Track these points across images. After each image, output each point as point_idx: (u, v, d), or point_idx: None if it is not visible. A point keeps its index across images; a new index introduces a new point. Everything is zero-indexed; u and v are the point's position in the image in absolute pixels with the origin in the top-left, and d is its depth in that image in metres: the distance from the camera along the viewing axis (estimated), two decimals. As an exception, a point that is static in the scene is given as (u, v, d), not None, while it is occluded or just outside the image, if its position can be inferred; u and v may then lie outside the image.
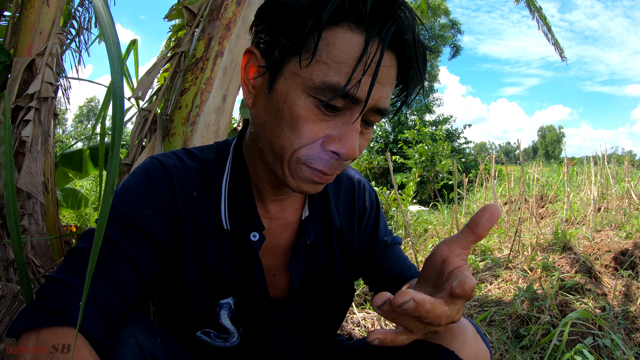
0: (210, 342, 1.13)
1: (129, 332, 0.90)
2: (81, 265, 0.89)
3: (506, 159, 29.86)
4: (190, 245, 1.04)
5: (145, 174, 1.03)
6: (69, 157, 3.44)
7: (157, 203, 1.00)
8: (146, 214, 0.98)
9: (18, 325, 0.81)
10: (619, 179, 8.33)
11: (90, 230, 0.98)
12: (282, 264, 1.15)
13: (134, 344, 0.89)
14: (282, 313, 1.15)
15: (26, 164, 2.11)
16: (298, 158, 0.89)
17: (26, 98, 2.17)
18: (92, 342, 0.82)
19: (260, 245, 1.07)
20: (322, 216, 1.16)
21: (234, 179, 1.07)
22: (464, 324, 1.04)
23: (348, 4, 0.80)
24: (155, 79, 2.23)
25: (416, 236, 5.89)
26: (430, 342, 1.02)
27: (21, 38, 2.28)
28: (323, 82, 0.82)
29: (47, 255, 2.21)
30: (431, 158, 16.49)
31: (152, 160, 1.06)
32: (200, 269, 1.06)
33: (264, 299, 1.11)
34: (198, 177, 1.07)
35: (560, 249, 4.03)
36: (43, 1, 2.31)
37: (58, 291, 0.85)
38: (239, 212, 1.05)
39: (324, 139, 0.87)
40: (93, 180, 9.43)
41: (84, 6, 3.44)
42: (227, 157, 1.11)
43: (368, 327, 2.71)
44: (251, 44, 0.96)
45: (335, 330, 1.32)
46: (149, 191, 1.00)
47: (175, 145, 2.02)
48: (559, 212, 6.32)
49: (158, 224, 1.00)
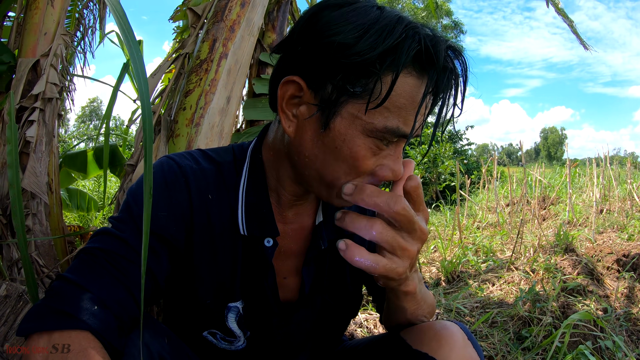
0: (216, 344, 1.13)
1: (137, 332, 0.90)
2: (93, 265, 0.89)
3: (508, 161, 29.99)
4: (203, 248, 1.04)
5: (161, 174, 1.02)
6: (73, 157, 3.46)
7: (172, 205, 1.00)
8: (161, 215, 0.98)
9: (29, 325, 0.80)
10: (621, 181, 8.32)
11: (103, 230, 0.96)
12: (293, 268, 1.15)
13: (142, 345, 0.89)
14: (292, 317, 1.15)
15: (30, 164, 2.12)
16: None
17: (31, 98, 2.18)
18: (105, 345, 0.81)
19: (273, 250, 1.06)
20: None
21: (251, 184, 1.07)
22: (452, 329, 1.04)
23: (424, 54, 0.82)
24: (159, 80, 2.24)
25: (418, 237, 5.88)
26: (416, 349, 1.04)
27: (26, 39, 2.29)
28: (385, 127, 0.85)
29: (51, 255, 2.22)
30: (433, 159, 16.47)
31: (167, 160, 1.05)
32: (211, 272, 1.06)
33: (274, 303, 1.10)
34: (214, 179, 1.06)
35: (563, 251, 4.03)
36: (48, 2, 2.32)
37: (70, 292, 0.84)
38: (256, 217, 1.05)
39: (376, 168, 0.91)
40: (95, 181, 9.44)
41: (89, 8, 3.46)
42: (244, 161, 1.10)
43: (370, 327, 2.72)
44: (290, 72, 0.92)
45: (341, 334, 1.32)
46: (165, 193, 1.00)
47: (180, 146, 2.03)
48: (561, 214, 6.32)
49: (172, 227, 0.99)
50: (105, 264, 0.89)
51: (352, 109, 0.86)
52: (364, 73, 0.83)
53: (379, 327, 2.73)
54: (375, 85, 0.82)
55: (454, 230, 5.35)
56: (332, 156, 0.90)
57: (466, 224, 6.42)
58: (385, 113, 0.84)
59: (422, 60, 0.83)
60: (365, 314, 2.90)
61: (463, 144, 26.77)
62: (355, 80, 0.84)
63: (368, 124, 0.85)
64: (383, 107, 0.84)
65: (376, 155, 0.89)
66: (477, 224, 6.53)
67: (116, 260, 0.90)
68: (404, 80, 0.84)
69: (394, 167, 0.91)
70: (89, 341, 0.78)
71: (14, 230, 2.08)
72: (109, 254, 0.90)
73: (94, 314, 0.81)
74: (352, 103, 0.86)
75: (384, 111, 0.84)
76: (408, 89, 0.84)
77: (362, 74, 0.83)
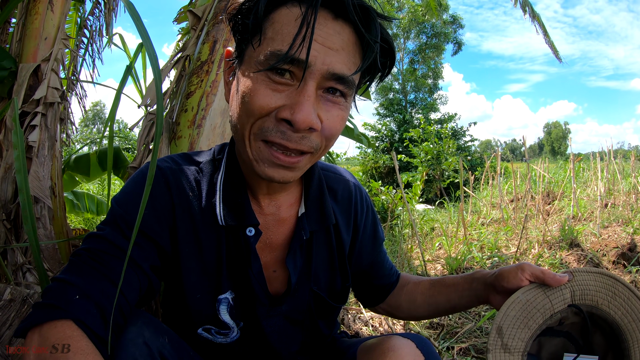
0: (212, 339, 1.15)
1: (137, 331, 0.93)
2: (81, 265, 0.95)
3: (512, 156, 29.97)
4: (188, 243, 1.08)
5: (142, 177, 1.08)
6: (76, 161, 3.47)
7: (154, 203, 1.05)
8: (145, 213, 1.01)
9: (24, 324, 0.86)
10: (625, 175, 8.29)
11: (91, 233, 1.02)
12: (280, 260, 1.18)
13: (141, 343, 0.91)
14: (280, 308, 1.17)
15: (33, 169, 2.12)
16: (255, 134, 0.93)
17: (32, 103, 2.19)
18: (89, 333, 0.85)
19: (256, 239, 1.10)
20: (318, 213, 1.19)
21: (228, 177, 1.11)
22: (399, 343, 1.06)
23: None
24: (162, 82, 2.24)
25: (423, 235, 5.88)
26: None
27: (26, 44, 2.30)
28: (268, 52, 0.88)
29: (56, 259, 2.23)
30: (437, 156, 16.47)
31: (147, 166, 1.10)
32: (198, 266, 1.09)
33: (262, 294, 1.13)
34: (194, 177, 1.12)
35: (568, 246, 4.02)
36: (47, 7, 2.32)
37: (59, 289, 0.90)
38: (233, 208, 1.09)
39: (277, 110, 0.90)
40: (99, 184, 9.47)
41: (95, 15, 3.47)
42: (222, 158, 1.15)
43: (376, 326, 2.72)
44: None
45: (332, 323, 1.35)
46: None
47: (182, 147, 2.03)
48: (566, 209, 6.31)
49: (155, 224, 1.04)
50: (89, 261, 0.95)
51: (248, 52, 0.93)
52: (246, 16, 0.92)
53: (384, 325, 2.73)
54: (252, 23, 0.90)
55: (458, 227, 5.34)
56: (236, 103, 0.96)
57: (470, 221, 6.42)
58: (270, 42, 0.89)
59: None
60: (370, 312, 2.90)
61: (466, 141, 26.83)
62: (244, 27, 0.92)
63: (256, 57, 0.90)
64: (268, 38, 0.89)
65: (275, 92, 0.90)
66: (481, 220, 6.52)
67: (98, 256, 0.96)
68: (285, 11, 0.90)
69: (293, 106, 0.88)
70: (72, 329, 0.83)
71: (19, 234, 2.09)
72: (92, 252, 0.96)
73: (75, 303, 0.87)
74: (249, 48, 0.93)
75: (269, 41, 0.89)
76: (289, 16, 0.89)
77: (245, 18, 0.92)
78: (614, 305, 1.11)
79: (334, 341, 1.38)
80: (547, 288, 1.12)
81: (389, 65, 1.02)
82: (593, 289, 1.12)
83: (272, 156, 0.93)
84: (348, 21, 0.90)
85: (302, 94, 0.88)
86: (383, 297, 1.43)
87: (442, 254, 4.82)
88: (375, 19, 0.91)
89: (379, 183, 6.65)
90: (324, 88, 0.92)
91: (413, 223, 4.35)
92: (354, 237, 1.29)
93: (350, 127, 3.28)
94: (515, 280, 1.14)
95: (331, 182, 1.27)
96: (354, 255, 1.31)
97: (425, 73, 34.77)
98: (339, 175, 1.31)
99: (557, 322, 1.14)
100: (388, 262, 1.43)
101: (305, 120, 0.88)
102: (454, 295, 1.30)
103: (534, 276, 1.12)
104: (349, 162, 25.23)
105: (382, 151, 24.34)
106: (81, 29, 3.66)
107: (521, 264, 1.16)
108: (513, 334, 1.10)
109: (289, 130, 0.90)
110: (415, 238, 4.64)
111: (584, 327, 1.14)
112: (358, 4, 0.89)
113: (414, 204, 6.42)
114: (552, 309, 1.11)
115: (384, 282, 1.41)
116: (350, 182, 1.32)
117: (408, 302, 1.40)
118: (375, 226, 1.37)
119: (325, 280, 1.24)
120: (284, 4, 0.90)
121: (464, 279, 1.30)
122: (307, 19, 0.85)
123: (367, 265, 1.36)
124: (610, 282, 1.12)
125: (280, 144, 0.91)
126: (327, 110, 0.93)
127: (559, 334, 1.17)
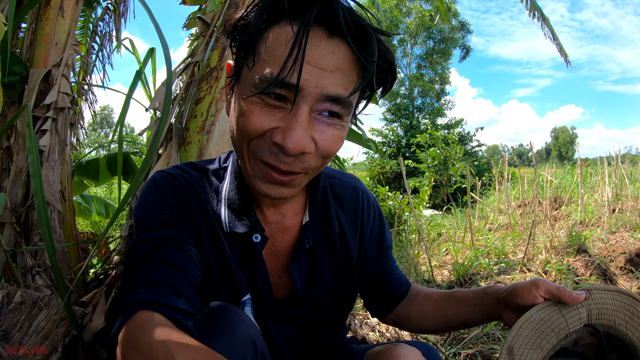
0: None
1: (246, 331, 0.95)
2: (135, 269, 0.96)
3: (519, 161, 29.43)
4: (209, 242, 1.10)
5: (155, 184, 1.10)
6: (86, 165, 3.49)
7: (173, 202, 1.07)
8: (166, 213, 1.05)
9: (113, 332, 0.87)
10: (633, 180, 8.25)
11: (129, 249, 1.03)
12: (285, 267, 1.19)
13: (250, 342, 0.94)
14: (285, 314, 1.19)
15: (44, 173, 2.14)
16: (252, 152, 0.95)
17: (43, 108, 2.21)
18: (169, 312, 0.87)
19: (262, 246, 1.11)
20: (322, 222, 1.20)
21: (232, 186, 1.13)
22: (405, 352, 1.07)
23: (273, 5, 0.88)
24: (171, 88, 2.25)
25: (430, 240, 5.87)
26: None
27: (37, 49, 2.32)
28: (260, 76, 0.87)
29: (65, 262, 2.24)
30: (444, 162, 16.44)
31: (157, 173, 1.13)
32: (219, 266, 1.11)
33: (268, 299, 1.15)
34: (202, 184, 1.14)
35: (575, 251, 4.00)
36: (58, 13, 2.34)
37: (127, 293, 0.92)
38: (237, 215, 1.10)
39: (271, 132, 0.91)
40: (107, 188, 9.53)
41: (105, 21, 3.50)
42: (228, 167, 1.17)
43: (383, 332, 2.72)
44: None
45: (338, 329, 1.35)
46: (163, 195, 1.08)
47: (191, 153, 2.05)
48: (573, 214, 6.27)
49: (179, 220, 1.06)
50: (140, 263, 0.97)
51: (244, 71, 0.93)
52: (242, 34, 0.92)
53: (391, 331, 2.73)
54: (247, 41, 0.90)
55: (465, 233, 5.33)
56: (234, 120, 0.96)
57: (478, 226, 6.40)
58: (263, 64, 0.88)
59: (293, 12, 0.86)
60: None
61: (473, 146, 26.75)
62: (241, 45, 0.92)
63: (251, 79, 0.90)
64: (262, 59, 0.88)
65: (270, 114, 0.90)
66: (488, 226, 6.50)
67: (147, 255, 0.98)
68: (277, 31, 0.88)
69: (285, 131, 0.88)
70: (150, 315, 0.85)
71: (28, 238, 2.10)
72: (139, 256, 0.98)
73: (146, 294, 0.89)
74: (244, 68, 0.93)
75: (262, 63, 0.88)
76: (282, 36, 0.87)
77: (241, 35, 0.92)
78: (632, 325, 1.06)
79: (342, 346, 1.39)
80: (563, 306, 1.06)
81: (390, 80, 1.01)
82: (610, 308, 1.07)
83: (267, 174, 0.95)
84: (344, 38, 0.88)
85: (294, 119, 0.88)
86: (392, 307, 1.40)
87: (449, 259, 4.81)
88: (372, 37, 0.89)
89: (386, 188, 6.64)
90: (319, 111, 0.91)
91: (420, 229, 4.35)
92: (360, 243, 1.30)
93: (358, 133, 3.29)
94: (530, 297, 1.08)
95: (337, 189, 1.27)
96: (360, 261, 1.31)
97: (432, 78, 34.77)
98: (345, 181, 1.31)
99: (572, 343, 1.09)
100: (397, 271, 1.41)
101: (297, 147, 0.88)
102: (464, 309, 1.27)
103: (549, 293, 1.06)
104: (356, 167, 25.21)
105: (389, 156, 24.33)
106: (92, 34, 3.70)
107: (536, 280, 1.10)
108: (524, 355, 1.04)
109: (281, 153, 0.91)
110: (422, 243, 4.64)
111: (599, 348, 1.08)
112: (353, 22, 0.86)
113: (421, 209, 6.42)
114: (568, 329, 1.06)
115: (392, 291, 1.39)
116: (357, 187, 1.32)
117: (418, 313, 1.36)
118: (382, 232, 1.36)
119: (330, 288, 1.25)
120: (277, 23, 0.89)
121: (476, 294, 1.26)
122: (298, 40, 0.84)
123: (373, 272, 1.35)
124: (629, 302, 1.07)
125: (274, 165, 0.92)
126: (322, 130, 0.93)
127: (573, 355, 1.11)
